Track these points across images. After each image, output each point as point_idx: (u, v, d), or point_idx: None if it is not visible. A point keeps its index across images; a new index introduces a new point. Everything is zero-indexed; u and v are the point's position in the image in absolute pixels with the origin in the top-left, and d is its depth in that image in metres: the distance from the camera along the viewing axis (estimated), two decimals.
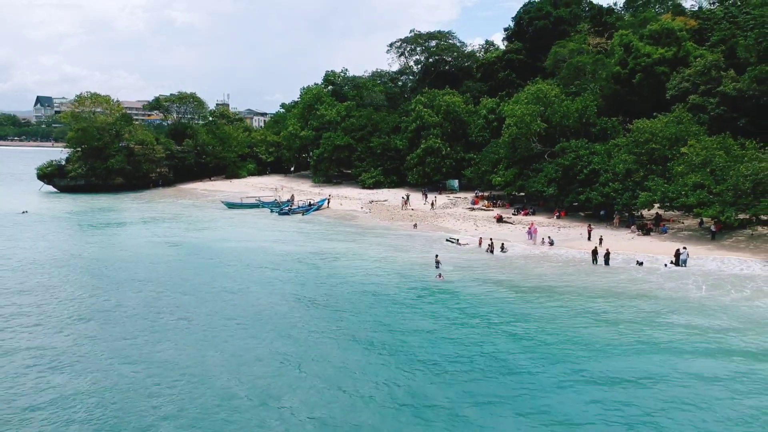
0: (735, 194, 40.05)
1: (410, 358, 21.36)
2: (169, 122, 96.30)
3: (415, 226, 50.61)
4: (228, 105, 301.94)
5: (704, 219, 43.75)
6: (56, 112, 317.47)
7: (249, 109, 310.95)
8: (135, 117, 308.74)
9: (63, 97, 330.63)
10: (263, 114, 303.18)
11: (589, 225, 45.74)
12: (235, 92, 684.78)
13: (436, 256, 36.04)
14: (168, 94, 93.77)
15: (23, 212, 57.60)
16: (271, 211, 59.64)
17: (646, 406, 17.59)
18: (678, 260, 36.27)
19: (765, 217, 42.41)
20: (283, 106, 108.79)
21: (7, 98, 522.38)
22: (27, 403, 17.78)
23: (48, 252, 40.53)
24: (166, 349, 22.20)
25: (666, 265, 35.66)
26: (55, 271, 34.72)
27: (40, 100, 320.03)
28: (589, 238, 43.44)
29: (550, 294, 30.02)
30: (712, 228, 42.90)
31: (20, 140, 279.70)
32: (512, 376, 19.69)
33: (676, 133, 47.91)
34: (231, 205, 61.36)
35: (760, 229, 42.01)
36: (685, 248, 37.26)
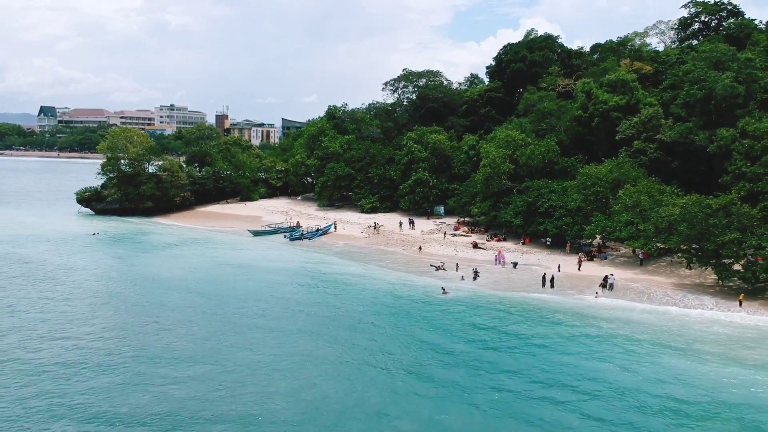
0: (655, 230, 51.40)
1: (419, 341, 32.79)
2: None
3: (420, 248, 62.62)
4: (227, 116, 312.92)
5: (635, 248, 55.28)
6: (59, 121, 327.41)
7: (247, 120, 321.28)
8: (135, 126, 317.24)
9: (66, 107, 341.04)
10: (260, 125, 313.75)
11: (580, 257, 55.09)
12: (229, 95, 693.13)
13: (443, 288, 46.36)
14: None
15: (94, 234, 68.53)
16: (284, 236, 70.67)
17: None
18: (606, 284, 47.62)
19: (684, 247, 53.68)
20: (288, 135, 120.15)
21: (0, 100, 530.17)
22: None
23: (143, 270, 52.44)
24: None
25: (597, 294, 46.32)
26: (161, 286, 46.76)
27: (44, 110, 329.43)
28: (579, 269, 52.81)
29: (508, 311, 41.48)
30: (641, 256, 54.52)
31: (25, 150, 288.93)
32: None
33: (617, 176, 59.37)
34: (256, 233, 72.27)
35: (676, 257, 53.47)
36: (612, 274, 48.64)
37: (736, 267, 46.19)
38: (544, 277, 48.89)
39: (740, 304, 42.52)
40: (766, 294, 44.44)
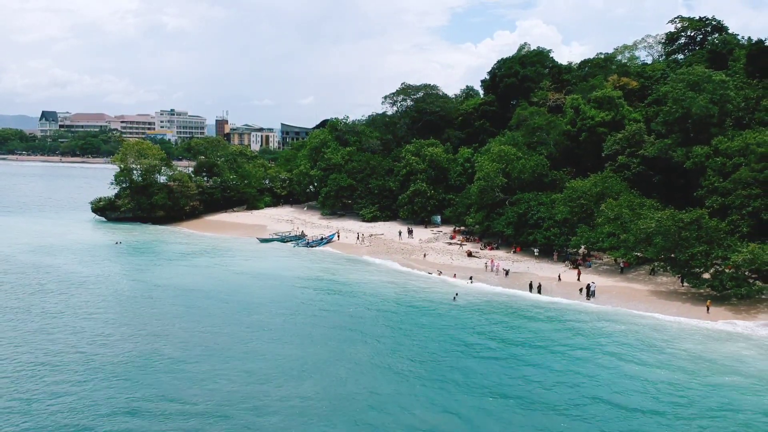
0: (634, 241, 56.08)
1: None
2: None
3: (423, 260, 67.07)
4: (227, 121, 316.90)
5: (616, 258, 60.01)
6: (60, 126, 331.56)
7: (246, 125, 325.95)
8: (136, 131, 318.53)
9: (67, 111, 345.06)
10: (260, 129, 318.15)
11: (578, 270, 59.01)
12: (225, 98, 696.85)
13: (456, 294, 51.08)
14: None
15: (117, 243, 72.78)
16: (292, 245, 75.28)
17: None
18: (588, 292, 52.28)
19: (661, 257, 58.29)
20: (291, 144, 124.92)
21: None
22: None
23: (170, 278, 56.34)
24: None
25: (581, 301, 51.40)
26: (190, 293, 50.75)
27: (45, 115, 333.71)
28: (578, 279, 56.59)
29: (496, 314, 46.23)
30: (621, 264, 59.28)
31: (28, 154, 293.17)
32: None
33: (602, 190, 64.07)
34: (263, 241, 76.97)
35: (653, 266, 58.17)
36: (593, 282, 53.33)
37: (706, 276, 50.94)
38: (531, 284, 53.63)
39: (707, 309, 47.25)
40: (732, 301, 49.17)
